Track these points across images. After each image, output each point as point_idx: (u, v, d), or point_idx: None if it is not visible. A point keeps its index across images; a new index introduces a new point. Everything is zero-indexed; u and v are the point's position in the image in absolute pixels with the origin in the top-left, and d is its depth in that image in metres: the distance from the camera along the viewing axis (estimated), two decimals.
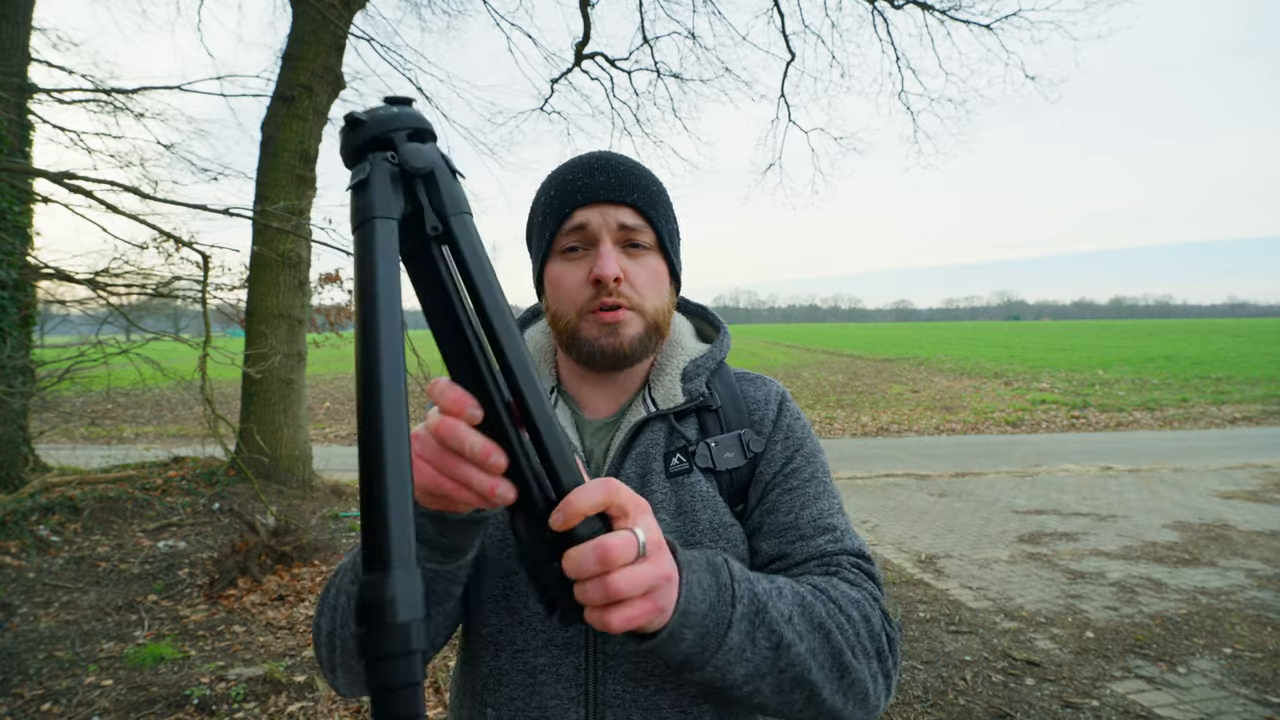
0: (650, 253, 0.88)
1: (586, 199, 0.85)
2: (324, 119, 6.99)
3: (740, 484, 0.86)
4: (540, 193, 0.92)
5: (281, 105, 6.68)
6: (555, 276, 0.87)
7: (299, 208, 6.08)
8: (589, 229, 0.85)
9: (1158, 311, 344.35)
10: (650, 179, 0.90)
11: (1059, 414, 12.75)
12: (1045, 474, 8.06)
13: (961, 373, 20.12)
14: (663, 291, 0.89)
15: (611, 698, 0.79)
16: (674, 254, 0.91)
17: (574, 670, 0.80)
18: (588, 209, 0.85)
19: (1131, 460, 8.71)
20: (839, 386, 17.52)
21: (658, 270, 0.88)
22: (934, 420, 12.37)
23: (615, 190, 0.85)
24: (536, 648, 0.82)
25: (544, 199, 0.90)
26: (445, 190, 0.44)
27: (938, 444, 10.43)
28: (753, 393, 0.93)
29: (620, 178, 0.86)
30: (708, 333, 1.03)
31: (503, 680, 0.83)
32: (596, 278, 0.83)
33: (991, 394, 15.50)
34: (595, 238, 0.85)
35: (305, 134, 6.74)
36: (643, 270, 0.86)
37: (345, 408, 14.85)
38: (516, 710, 0.82)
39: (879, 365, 23.50)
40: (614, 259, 0.84)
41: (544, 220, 0.89)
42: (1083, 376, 18.11)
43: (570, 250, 0.86)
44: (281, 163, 6.62)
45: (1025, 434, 11.23)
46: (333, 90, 7.02)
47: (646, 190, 0.88)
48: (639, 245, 0.86)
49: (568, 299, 0.86)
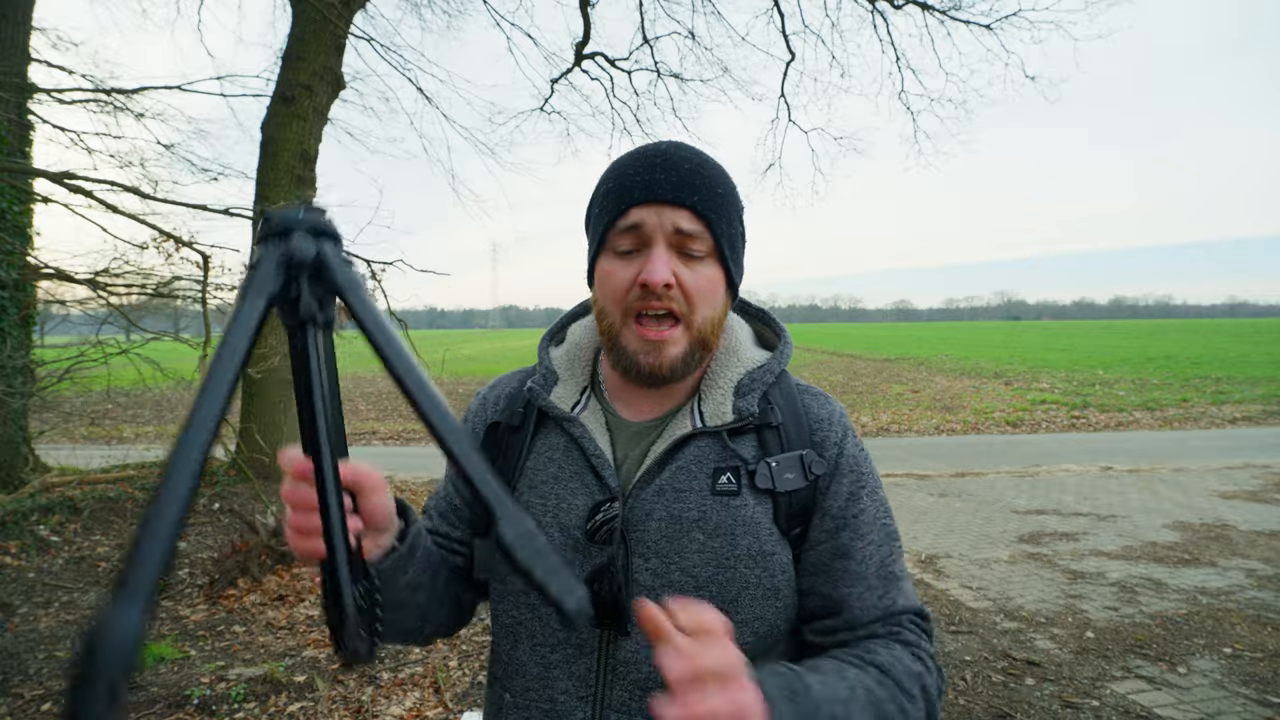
0: (706, 260, 0.83)
1: (644, 198, 0.81)
2: (324, 119, 6.99)
3: (800, 505, 0.83)
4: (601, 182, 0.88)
5: (281, 105, 6.68)
6: (605, 274, 0.84)
7: None
8: (643, 230, 0.81)
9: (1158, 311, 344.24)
10: (716, 178, 0.84)
11: (1059, 414, 12.75)
12: (1045, 474, 8.06)
13: (961, 373, 20.12)
14: (715, 301, 0.85)
15: (618, 702, 0.80)
16: (733, 261, 0.86)
17: (586, 671, 0.81)
18: (644, 208, 0.81)
19: (1132, 460, 8.70)
20: (839, 387, 17.52)
21: (712, 279, 0.84)
22: (934, 420, 12.37)
23: (675, 190, 0.81)
24: (553, 644, 0.83)
25: (602, 190, 0.86)
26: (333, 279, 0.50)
27: (938, 444, 10.42)
28: (816, 409, 0.89)
29: (682, 177, 0.82)
30: (768, 338, 0.98)
31: (519, 669, 0.85)
32: (644, 282, 0.80)
33: (992, 394, 15.50)
34: (649, 239, 0.81)
35: (305, 134, 6.74)
36: (696, 278, 0.82)
37: (345, 408, 14.85)
38: (530, 699, 0.83)
39: (879, 365, 23.50)
40: (665, 263, 0.80)
41: (600, 214, 0.86)
42: (1083, 376, 18.11)
43: (624, 251, 0.83)
44: (281, 163, 6.62)
45: (1025, 434, 11.22)
46: (333, 90, 7.02)
47: (710, 191, 0.83)
48: (693, 254, 0.82)
49: (614, 298, 0.84)
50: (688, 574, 0.80)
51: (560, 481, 0.86)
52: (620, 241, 0.83)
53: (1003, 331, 57.30)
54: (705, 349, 0.85)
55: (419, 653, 3.60)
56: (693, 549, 0.80)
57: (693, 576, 0.79)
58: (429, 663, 3.51)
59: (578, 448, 0.86)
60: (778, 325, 0.97)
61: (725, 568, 0.80)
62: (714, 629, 0.59)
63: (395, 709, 3.07)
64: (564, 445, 0.88)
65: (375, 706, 3.09)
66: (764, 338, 0.98)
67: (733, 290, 0.89)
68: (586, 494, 0.84)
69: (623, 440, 0.88)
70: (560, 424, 0.89)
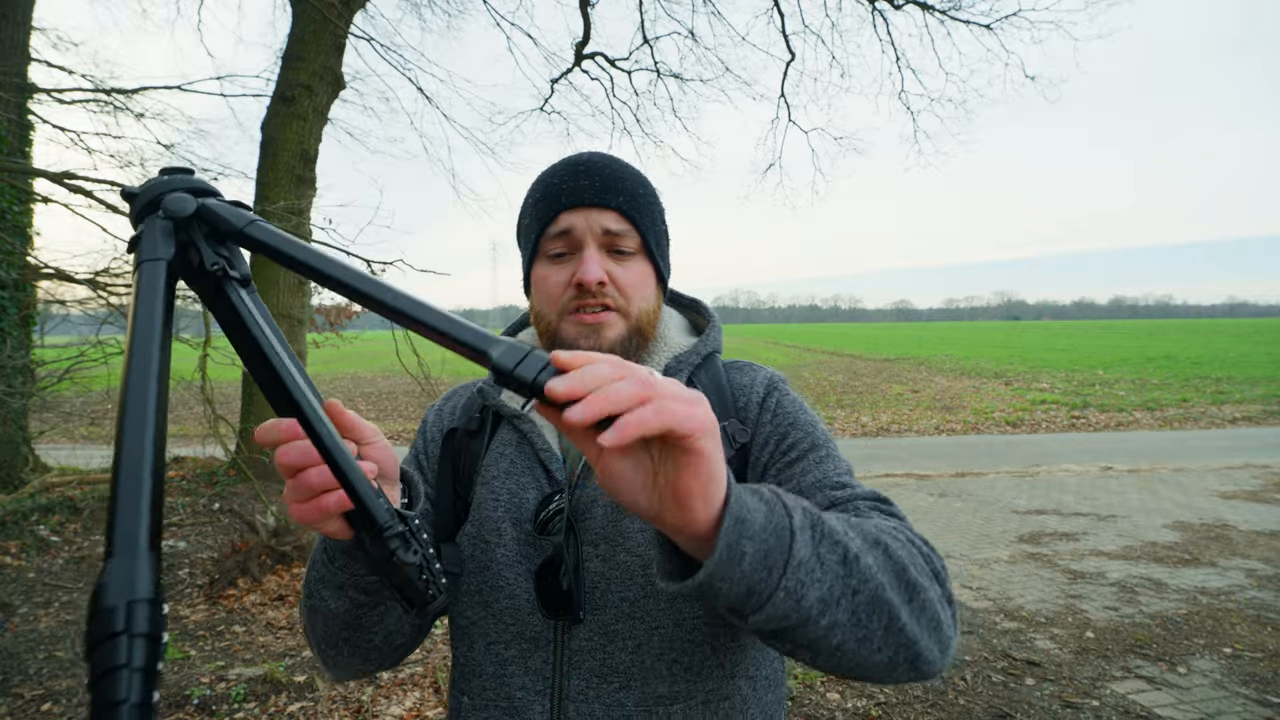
0: (635, 257, 0.88)
1: (571, 203, 0.86)
2: (324, 119, 6.99)
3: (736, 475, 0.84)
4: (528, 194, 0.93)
5: (281, 105, 6.68)
6: (540, 279, 0.89)
7: (299, 208, 6.08)
8: (573, 234, 0.86)
9: (1158, 311, 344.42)
10: (636, 181, 0.90)
11: (1059, 414, 12.75)
12: (1045, 474, 8.06)
13: (961, 373, 20.11)
14: (648, 294, 0.89)
15: (575, 693, 0.80)
16: (660, 256, 0.91)
17: (541, 664, 0.82)
18: (572, 213, 0.86)
19: (1132, 460, 8.70)
20: (839, 386, 17.52)
21: (643, 273, 0.89)
22: (934, 420, 12.37)
23: (599, 194, 0.86)
24: (507, 640, 0.84)
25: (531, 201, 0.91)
26: (226, 222, 0.50)
27: (938, 444, 10.42)
28: (739, 379, 0.92)
29: (605, 181, 0.87)
30: (700, 325, 1.02)
31: (476, 670, 0.85)
32: (579, 281, 0.84)
33: (992, 394, 15.50)
34: (580, 242, 0.86)
35: (305, 134, 6.74)
36: (627, 274, 0.87)
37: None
38: (487, 699, 0.84)
39: (879, 365, 23.50)
40: (598, 263, 0.84)
41: (530, 223, 0.90)
42: (1083, 376, 18.11)
43: (556, 255, 0.87)
44: (281, 163, 6.62)
45: (1025, 434, 11.22)
46: (333, 90, 7.02)
47: (631, 194, 0.88)
48: (623, 251, 0.87)
49: (550, 300, 0.87)
50: (633, 554, 0.82)
51: (512, 476, 0.88)
52: (552, 246, 0.87)
53: (1003, 331, 57.32)
54: (643, 337, 0.89)
55: (418, 653, 3.60)
56: (635, 529, 0.82)
57: (638, 556, 0.81)
58: (429, 663, 3.51)
59: (528, 443, 0.90)
60: (708, 312, 1.02)
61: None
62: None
63: (395, 709, 3.07)
64: (516, 441, 0.91)
65: (375, 706, 3.09)
66: (697, 326, 1.03)
67: (662, 285, 0.93)
68: (537, 487, 0.87)
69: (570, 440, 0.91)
70: (512, 422, 0.92)
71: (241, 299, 0.52)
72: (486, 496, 0.88)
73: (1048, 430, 11.53)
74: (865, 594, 0.58)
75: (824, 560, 0.56)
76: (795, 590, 0.54)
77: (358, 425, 0.65)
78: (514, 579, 0.84)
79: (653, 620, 0.81)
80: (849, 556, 0.58)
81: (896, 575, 0.61)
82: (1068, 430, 11.51)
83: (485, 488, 0.89)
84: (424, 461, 0.97)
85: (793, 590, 0.54)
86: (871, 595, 0.58)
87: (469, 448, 0.93)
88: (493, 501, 0.87)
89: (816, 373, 21.24)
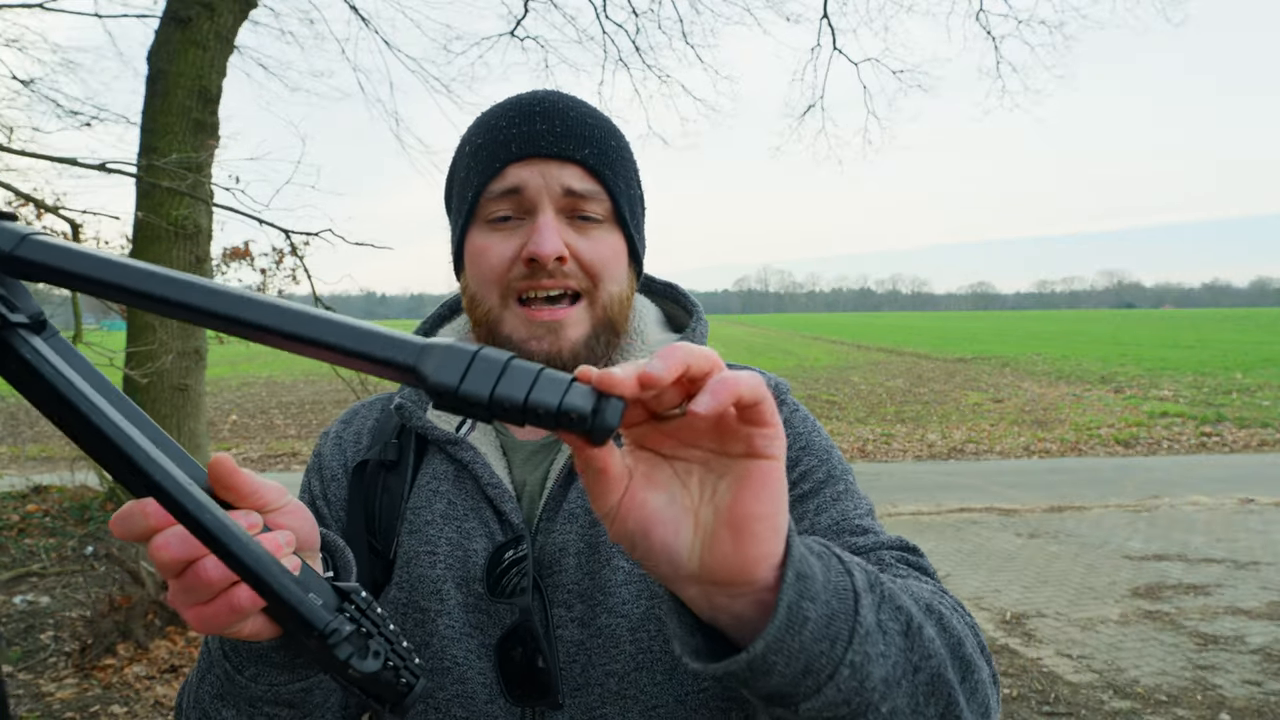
0: (604, 225, 0.87)
1: (522, 152, 0.84)
2: (229, 47, 6.99)
3: None
4: (463, 143, 0.91)
5: (174, 29, 6.68)
6: (477, 250, 0.86)
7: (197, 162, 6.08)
8: (524, 193, 0.84)
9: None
10: (608, 129, 0.89)
11: (1185, 430, 12.76)
12: (1167, 508, 8.07)
13: (1058, 377, 20.13)
14: (620, 275, 0.88)
15: None
16: (635, 227, 0.91)
17: None
18: (524, 165, 0.84)
19: (1279, 490, 8.72)
20: (899, 394, 17.53)
21: (614, 247, 0.87)
22: (1022, 439, 12.38)
23: (561, 142, 0.84)
24: None
25: (469, 150, 0.89)
26: None
27: (1027, 469, 10.43)
28: None
29: (569, 126, 0.85)
30: (679, 318, 1.03)
31: None
32: (531, 256, 0.82)
33: (1097, 404, 15.51)
34: (533, 204, 0.84)
35: (205, 67, 6.74)
36: (594, 247, 0.85)
37: (256, 422, 14.89)
38: None
39: (951, 367, 23.50)
40: (555, 231, 0.83)
41: (467, 177, 0.88)
42: (1216, 382, 18.12)
43: (500, 220, 0.85)
44: (174, 103, 6.62)
45: (1141, 456, 11.23)
46: (241, 9, 7.02)
47: (602, 144, 0.86)
48: (589, 217, 0.85)
49: (491, 278, 0.85)
50: (617, 615, 0.81)
51: (451, 521, 0.86)
52: (495, 208, 0.85)
53: (1112, 323, 57.41)
54: (613, 333, 0.88)
55: None
56: (618, 581, 0.82)
57: (624, 617, 0.81)
58: None
59: (470, 477, 0.88)
60: (689, 302, 1.01)
61: (658, 594, 0.81)
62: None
63: None
64: (452, 475, 0.89)
65: None
66: (674, 319, 1.03)
67: (636, 264, 0.92)
68: (486, 535, 0.85)
69: (519, 463, 0.90)
70: (444, 449, 0.90)
71: (37, 351, 0.48)
72: (418, 549, 0.86)
73: (1170, 451, 11.54)
74: (926, 673, 0.58)
75: (886, 631, 0.56)
76: (861, 666, 0.53)
77: (257, 488, 0.60)
78: (463, 656, 0.83)
79: (648, 698, 0.81)
80: (912, 627, 0.58)
81: (952, 650, 0.61)
82: (1196, 451, 11.52)
83: (415, 537, 0.87)
84: (322, 508, 0.94)
85: (859, 667, 0.53)
86: (932, 675, 0.58)
87: (386, 485, 0.91)
88: (427, 556, 0.85)
89: (870, 376, 21.25)
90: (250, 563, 0.51)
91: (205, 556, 0.54)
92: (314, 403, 16.77)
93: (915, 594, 0.64)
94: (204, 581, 0.54)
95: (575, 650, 0.81)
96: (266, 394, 18.60)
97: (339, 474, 0.94)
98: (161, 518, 0.53)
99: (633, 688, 0.80)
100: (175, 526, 0.53)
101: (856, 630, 0.53)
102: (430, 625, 0.84)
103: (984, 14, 10.60)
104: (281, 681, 0.69)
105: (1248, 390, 16.68)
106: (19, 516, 6.66)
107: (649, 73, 11.40)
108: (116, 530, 0.55)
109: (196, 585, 0.55)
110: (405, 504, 0.89)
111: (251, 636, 0.59)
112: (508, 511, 0.85)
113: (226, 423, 14.64)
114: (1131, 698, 4.05)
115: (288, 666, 0.69)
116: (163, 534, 0.54)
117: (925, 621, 0.60)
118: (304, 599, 0.52)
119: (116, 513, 0.55)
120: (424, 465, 0.91)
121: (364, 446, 0.95)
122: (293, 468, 11.21)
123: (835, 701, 0.53)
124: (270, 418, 15.36)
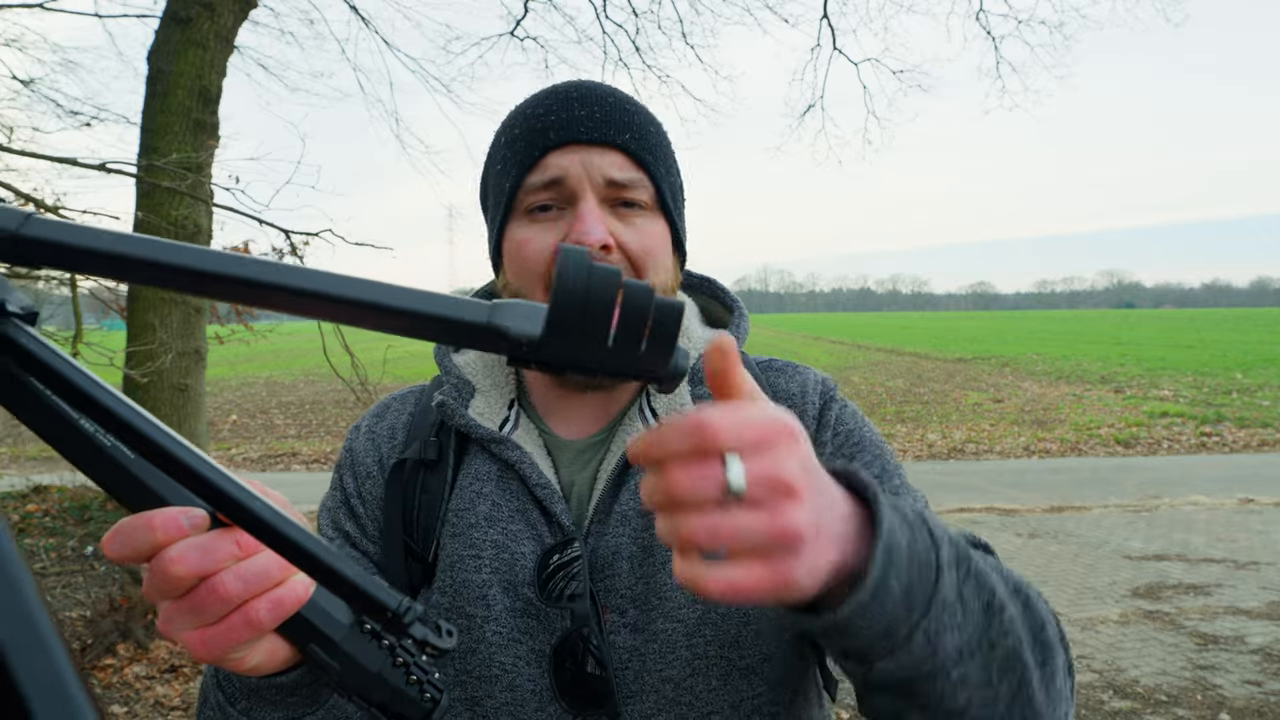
0: (648, 213, 0.85)
1: (562, 139, 0.82)
2: (229, 47, 6.99)
3: None
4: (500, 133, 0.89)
5: (174, 29, 6.68)
6: (517, 243, 0.85)
7: (196, 162, 6.08)
8: (566, 181, 0.82)
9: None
10: (647, 115, 0.88)
11: (1185, 430, 12.76)
12: (1167, 508, 8.07)
13: (1058, 376, 20.13)
14: (666, 263, 0.87)
15: None
16: (678, 215, 0.89)
17: None
18: (564, 153, 0.82)
19: (1279, 490, 8.72)
20: (899, 394, 17.54)
21: (658, 235, 0.86)
22: (1022, 439, 12.39)
23: (601, 129, 0.83)
24: None
25: (505, 141, 0.87)
26: None
27: (1027, 469, 10.45)
28: (786, 385, 0.92)
29: (608, 113, 0.84)
30: (718, 315, 1.02)
31: None
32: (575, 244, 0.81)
33: (1097, 404, 15.51)
34: (574, 193, 0.82)
35: (205, 67, 6.74)
36: (640, 236, 0.84)
37: (256, 422, 14.88)
38: None
39: (950, 366, 23.50)
40: (599, 219, 0.81)
41: (504, 169, 0.86)
42: (1216, 382, 18.12)
43: (540, 210, 0.84)
44: (174, 104, 6.62)
45: (1141, 456, 11.24)
46: (241, 9, 7.02)
47: (642, 130, 0.85)
48: (633, 204, 0.84)
49: (533, 273, 0.83)
50: (673, 619, 0.80)
51: (496, 524, 0.84)
52: (535, 199, 0.83)
53: (1112, 323, 57.39)
54: None
55: None
56: (672, 586, 0.80)
57: (679, 622, 0.80)
58: None
59: (516, 477, 0.86)
60: (729, 297, 1.00)
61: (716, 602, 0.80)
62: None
63: None
64: (496, 475, 0.87)
65: None
66: (712, 314, 1.02)
67: (680, 252, 0.91)
68: (533, 537, 0.84)
69: (565, 463, 0.89)
70: (487, 448, 0.88)
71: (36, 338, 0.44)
72: (461, 553, 0.84)
73: (1170, 451, 11.54)
74: (1002, 649, 0.60)
75: (966, 602, 0.59)
76: (934, 635, 0.56)
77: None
78: (511, 663, 0.81)
79: (704, 704, 0.80)
80: (994, 605, 0.60)
81: (1033, 633, 0.63)
82: (1196, 451, 11.52)
83: (458, 540, 0.85)
84: (358, 507, 0.91)
85: (932, 634, 0.56)
86: (1008, 652, 0.60)
87: (426, 485, 0.88)
88: (472, 560, 0.84)
89: (870, 376, 21.26)
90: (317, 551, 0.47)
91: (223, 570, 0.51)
92: (314, 403, 16.76)
93: (1006, 575, 0.65)
94: (219, 597, 0.51)
95: (628, 656, 0.80)
96: (266, 394, 18.60)
97: (374, 471, 0.92)
98: (171, 530, 0.49)
99: (688, 694, 0.79)
100: (190, 538, 0.50)
101: (933, 600, 0.56)
102: (476, 631, 0.82)
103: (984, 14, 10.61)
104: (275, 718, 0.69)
105: (1248, 390, 16.68)
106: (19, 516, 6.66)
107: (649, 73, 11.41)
108: (112, 550, 0.50)
109: (207, 603, 0.51)
110: (446, 505, 0.87)
111: (252, 671, 0.57)
112: (557, 513, 0.83)
113: (226, 423, 14.64)
114: (1131, 698, 4.05)
115: (280, 703, 0.68)
116: (176, 547, 0.49)
117: (1009, 602, 0.62)
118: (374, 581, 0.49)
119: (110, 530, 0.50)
120: (465, 465, 0.89)
121: (399, 443, 0.93)
122: (293, 468, 11.20)
123: (909, 664, 0.57)
124: (270, 418, 15.35)
